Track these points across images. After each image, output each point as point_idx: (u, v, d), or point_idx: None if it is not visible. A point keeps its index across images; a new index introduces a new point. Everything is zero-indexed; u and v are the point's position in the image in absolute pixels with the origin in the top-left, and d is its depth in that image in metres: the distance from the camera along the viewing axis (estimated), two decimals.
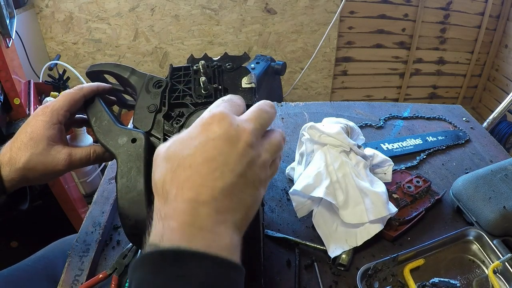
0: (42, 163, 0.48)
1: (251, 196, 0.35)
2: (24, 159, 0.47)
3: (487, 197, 0.65)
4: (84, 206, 1.60)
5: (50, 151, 0.48)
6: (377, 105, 1.09)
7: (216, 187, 0.32)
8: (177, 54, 2.28)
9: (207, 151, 0.33)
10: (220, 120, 0.35)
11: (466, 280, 0.59)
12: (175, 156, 0.34)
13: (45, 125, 0.49)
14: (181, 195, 0.32)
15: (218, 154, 0.33)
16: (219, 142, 0.34)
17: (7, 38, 1.15)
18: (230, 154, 0.34)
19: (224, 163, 0.33)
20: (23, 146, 0.48)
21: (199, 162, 0.33)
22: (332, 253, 0.60)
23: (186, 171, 0.33)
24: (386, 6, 2.36)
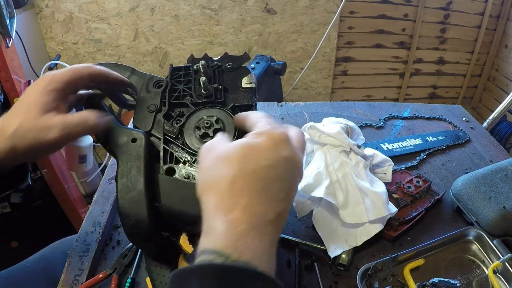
0: (32, 131, 0.42)
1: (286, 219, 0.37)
2: (14, 126, 0.42)
3: (487, 197, 0.65)
4: (84, 206, 1.60)
5: (41, 117, 0.43)
6: (377, 105, 1.09)
7: (279, 208, 0.34)
8: (177, 54, 2.28)
9: (279, 170, 0.35)
10: (287, 142, 0.37)
11: (466, 280, 0.59)
12: (247, 161, 0.34)
13: (41, 91, 0.44)
14: (253, 207, 0.33)
15: (287, 175, 0.35)
16: (290, 165, 0.36)
17: (7, 38, 1.15)
18: (293, 179, 0.36)
19: (288, 186, 0.35)
20: (16, 113, 0.43)
21: (273, 178, 0.34)
22: (332, 253, 0.60)
23: (259, 183, 0.34)
24: (386, 6, 2.36)
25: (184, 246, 0.44)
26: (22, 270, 0.70)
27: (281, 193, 0.34)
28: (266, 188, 0.34)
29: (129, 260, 0.61)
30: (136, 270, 0.60)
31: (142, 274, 0.59)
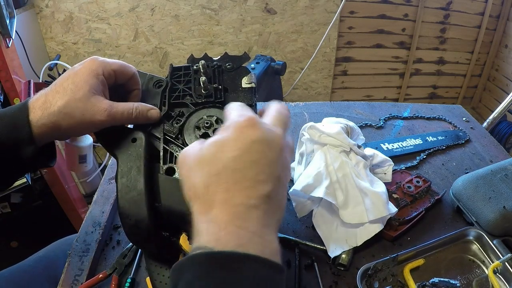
0: (80, 110, 0.43)
1: (284, 197, 0.36)
2: (61, 102, 0.43)
3: (487, 197, 0.65)
4: (84, 206, 1.60)
5: (90, 98, 0.44)
6: (377, 105, 1.09)
7: (263, 191, 0.33)
8: (177, 54, 2.28)
9: (252, 154, 0.34)
10: (254, 124, 0.35)
11: (466, 280, 0.59)
12: (217, 159, 0.34)
13: (90, 73, 0.45)
14: (232, 199, 0.32)
15: (261, 157, 0.34)
16: (261, 146, 0.34)
17: (7, 38, 1.16)
18: (271, 157, 0.35)
19: (267, 167, 0.34)
20: (62, 90, 0.44)
21: (246, 165, 0.33)
22: (332, 253, 0.60)
23: (234, 174, 0.33)
24: (386, 6, 2.36)
25: (184, 246, 0.44)
26: (23, 269, 0.70)
27: (260, 175, 0.33)
28: (241, 177, 0.33)
29: (129, 260, 0.61)
30: (136, 270, 0.60)
31: (142, 274, 0.59)
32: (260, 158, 0.34)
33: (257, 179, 0.33)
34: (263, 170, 0.34)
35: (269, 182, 0.34)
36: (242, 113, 0.37)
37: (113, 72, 0.48)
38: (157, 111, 0.49)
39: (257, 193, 0.33)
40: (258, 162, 0.34)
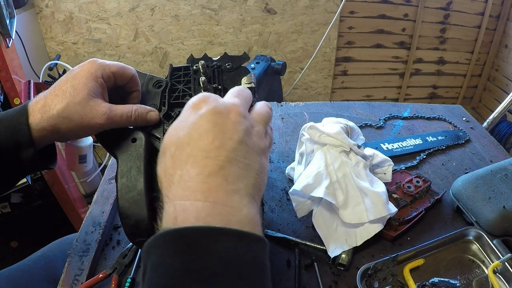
0: (79, 114, 0.44)
1: (257, 163, 0.34)
2: (60, 106, 0.43)
3: (487, 197, 0.65)
4: (84, 206, 1.60)
5: (89, 102, 0.44)
6: (377, 105, 1.09)
7: (220, 156, 0.32)
8: (177, 54, 2.28)
9: (201, 126, 0.33)
10: (206, 99, 0.35)
11: (466, 280, 0.59)
12: (171, 142, 0.34)
13: (89, 76, 0.45)
14: (187, 173, 0.31)
15: (212, 125, 0.33)
16: (211, 116, 0.34)
17: (7, 38, 1.16)
18: (225, 123, 0.34)
19: (221, 132, 0.33)
20: (61, 93, 0.44)
21: (196, 137, 0.33)
22: (332, 253, 0.60)
23: (185, 150, 0.32)
24: (386, 6, 2.36)
25: None
26: (22, 269, 0.70)
27: (214, 142, 0.32)
28: (193, 150, 0.32)
29: (129, 260, 0.61)
30: (136, 270, 0.59)
31: None
32: (211, 127, 0.33)
33: (211, 147, 0.32)
34: (216, 136, 0.32)
35: (226, 146, 0.32)
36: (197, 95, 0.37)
37: (112, 75, 0.48)
38: (156, 113, 0.49)
39: (213, 161, 0.31)
40: (209, 131, 0.33)
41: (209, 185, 0.30)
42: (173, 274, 0.27)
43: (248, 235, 0.29)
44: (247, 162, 0.33)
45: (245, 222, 0.30)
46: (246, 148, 0.33)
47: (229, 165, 0.32)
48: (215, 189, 0.30)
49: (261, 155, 0.35)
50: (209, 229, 0.28)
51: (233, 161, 0.32)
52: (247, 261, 0.28)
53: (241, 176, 0.32)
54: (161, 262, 0.27)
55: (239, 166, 0.32)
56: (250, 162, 0.33)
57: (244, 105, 0.38)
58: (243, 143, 0.33)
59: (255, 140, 0.35)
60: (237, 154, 0.32)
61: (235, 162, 0.32)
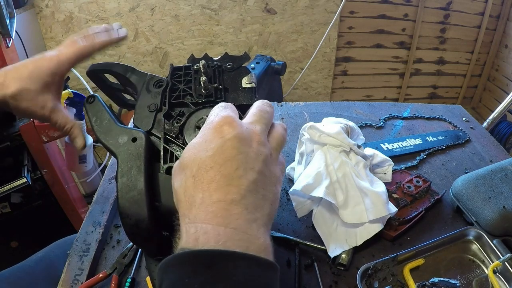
0: (27, 102, 0.50)
1: (272, 192, 0.35)
2: (14, 89, 0.49)
3: (487, 197, 0.65)
4: (84, 206, 1.60)
5: (39, 96, 0.51)
6: (377, 105, 1.09)
7: (242, 185, 0.32)
8: (177, 54, 2.28)
9: (226, 151, 0.34)
10: (230, 123, 0.36)
11: (466, 280, 0.59)
12: (193, 161, 0.34)
13: (47, 71, 0.51)
14: (209, 197, 0.32)
15: (237, 153, 0.34)
16: (235, 142, 0.34)
17: (7, 38, 1.15)
18: (248, 152, 0.34)
19: (244, 162, 0.34)
20: (19, 78, 0.49)
21: (220, 162, 0.33)
22: (332, 253, 0.60)
23: (208, 173, 0.33)
24: (386, 6, 2.36)
25: None
26: (23, 270, 0.70)
27: (238, 171, 0.33)
28: (216, 175, 0.33)
29: (129, 259, 0.61)
30: (136, 270, 0.60)
31: (142, 274, 0.59)
32: (235, 155, 0.34)
33: (234, 176, 0.33)
34: (240, 165, 0.33)
35: (248, 176, 0.33)
36: (219, 113, 0.37)
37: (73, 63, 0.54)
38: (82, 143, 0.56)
39: (236, 189, 0.32)
40: (233, 159, 0.33)
41: (230, 212, 0.31)
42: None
43: (264, 262, 0.30)
44: (264, 193, 0.34)
45: (261, 249, 0.31)
46: (264, 179, 0.35)
47: (249, 195, 0.33)
48: (236, 217, 0.31)
49: (276, 184, 0.37)
50: (229, 253, 0.29)
51: (253, 191, 0.33)
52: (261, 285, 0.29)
53: (258, 206, 0.33)
54: (179, 281, 0.28)
55: (257, 197, 0.33)
56: (267, 192, 0.35)
57: (265, 131, 0.38)
58: (262, 173, 0.34)
59: (272, 170, 0.36)
60: (257, 185, 0.34)
61: (254, 192, 0.33)
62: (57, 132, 1.24)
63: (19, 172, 1.21)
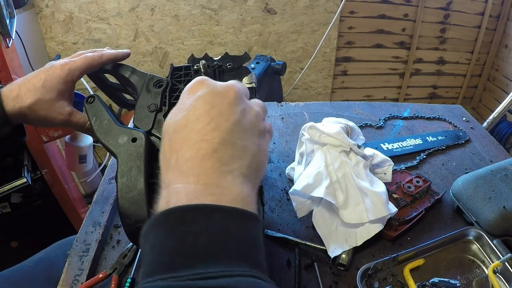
0: (45, 110, 0.52)
1: (253, 144, 0.34)
2: (30, 100, 0.51)
3: (487, 197, 0.65)
4: (84, 206, 1.60)
5: (56, 103, 0.52)
6: (377, 105, 1.09)
7: (215, 138, 0.32)
8: (177, 54, 2.28)
9: (198, 108, 0.33)
10: (203, 81, 0.36)
11: (466, 280, 0.59)
12: (169, 126, 0.34)
13: (60, 79, 0.52)
14: (182, 157, 0.32)
15: (209, 107, 0.33)
16: (208, 97, 0.34)
17: (7, 38, 1.15)
18: (222, 104, 0.33)
19: (217, 114, 0.33)
20: (33, 89, 0.51)
21: (193, 120, 0.33)
22: (332, 253, 0.60)
23: (182, 133, 0.33)
24: (386, 6, 2.36)
25: None
26: (23, 270, 0.70)
27: (211, 124, 0.32)
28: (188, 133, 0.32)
29: (129, 260, 0.61)
30: (136, 270, 0.59)
31: None
32: (208, 109, 0.33)
33: (207, 129, 0.32)
34: (213, 118, 0.33)
35: (222, 128, 0.32)
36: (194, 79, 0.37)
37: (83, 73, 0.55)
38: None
39: (208, 143, 0.31)
40: (206, 113, 0.33)
41: (202, 168, 0.31)
42: (167, 252, 0.27)
43: (239, 212, 0.29)
44: (243, 144, 0.33)
45: (237, 200, 0.30)
46: (242, 129, 0.33)
47: (224, 147, 0.32)
48: (207, 172, 0.30)
49: (259, 137, 0.35)
50: (199, 206, 0.28)
51: (228, 143, 0.32)
52: (238, 236, 0.28)
53: (235, 157, 0.32)
54: (156, 243, 0.28)
55: (234, 148, 0.32)
56: (247, 143, 0.33)
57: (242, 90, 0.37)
58: (239, 124, 0.33)
59: (253, 121, 0.35)
60: (233, 136, 0.32)
61: (230, 144, 0.32)
62: (57, 132, 1.24)
63: (19, 172, 1.21)
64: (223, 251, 0.27)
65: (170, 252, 0.27)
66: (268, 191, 0.76)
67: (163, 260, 0.27)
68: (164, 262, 0.27)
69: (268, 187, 0.77)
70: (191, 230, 0.27)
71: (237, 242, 0.28)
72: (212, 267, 0.26)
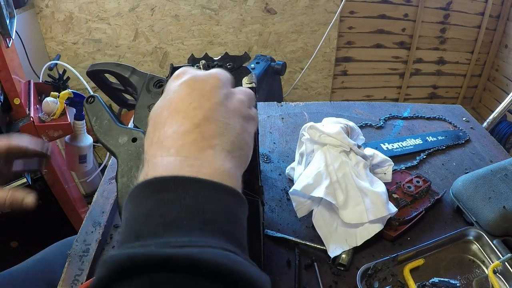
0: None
1: (238, 123, 0.34)
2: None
3: (487, 197, 0.65)
4: (84, 206, 1.60)
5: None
6: (377, 105, 1.09)
7: (197, 115, 0.32)
8: (177, 54, 2.28)
9: (181, 91, 0.34)
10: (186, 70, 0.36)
11: (466, 280, 0.59)
12: (154, 112, 0.35)
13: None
14: (164, 134, 0.32)
15: (191, 90, 0.34)
16: (191, 82, 0.34)
17: (7, 38, 1.15)
18: (204, 87, 0.34)
19: (199, 95, 0.33)
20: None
21: (175, 101, 0.33)
22: (332, 253, 0.60)
23: (164, 114, 0.33)
24: (386, 6, 2.36)
25: None
26: (22, 271, 0.70)
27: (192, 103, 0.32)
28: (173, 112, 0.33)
29: None
30: None
31: None
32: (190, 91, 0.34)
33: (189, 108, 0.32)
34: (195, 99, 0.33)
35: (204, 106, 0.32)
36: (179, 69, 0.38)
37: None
38: (32, 199, 0.54)
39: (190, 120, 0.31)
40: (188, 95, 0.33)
41: (183, 141, 0.30)
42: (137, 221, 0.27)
43: (218, 186, 0.29)
44: (227, 122, 0.33)
45: (217, 174, 0.29)
46: (225, 109, 0.33)
47: (206, 123, 0.32)
48: (188, 145, 0.30)
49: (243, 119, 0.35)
50: (176, 178, 0.28)
51: (211, 120, 0.32)
52: (215, 210, 0.28)
53: (218, 133, 0.32)
54: (130, 214, 0.28)
55: (217, 125, 0.32)
56: (230, 122, 0.33)
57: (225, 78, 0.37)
58: (222, 104, 0.33)
59: (236, 104, 0.35)
60: (215, 113, 0.32)
61: (212, 120, 0.32)
62: (57, 132, 1.25)
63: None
64: (195, 222, 0.26)
65: (141, 221, 0.27)
66: (268, 191, 0.76)
67: (134, 228, 0.27)
68: (134, 230, 0.27)
69: (268, 187, 0.77)
70: (164, 199, 0.27)
71: (211, 214, 0.27)
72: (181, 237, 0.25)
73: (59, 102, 1.26)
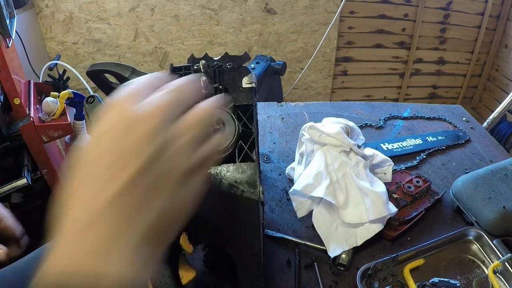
0: None
1: (165, 196, 0.27)
2: None
3: (487, 197, 0.65)
4: None
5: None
6: (377, 105, 1.09)
7: (108, 194, 0.25)
8: (177, 54, 2.28)
9: (100, 147, 0.27)
10: (113, 107, 0.28)
11: (466, 280, 0.59)
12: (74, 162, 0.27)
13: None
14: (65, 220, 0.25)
15: (115, 143, 0.26)
16: (114, 133, 0.27)
17: (7, 38, 1.15)
18: (131, 138, 0.26)
19: (120, 156, 0.26)
20: None
21: (92, 160, 0.26)
22: (332, 253, 0.60)
23: (78, 176, 0.26)
24: (386, 6, 2.36)
25: (184, 246, 0.44)
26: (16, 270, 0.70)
27: (109, 170, 0.25)
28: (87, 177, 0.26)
29: None
30: None
31: None
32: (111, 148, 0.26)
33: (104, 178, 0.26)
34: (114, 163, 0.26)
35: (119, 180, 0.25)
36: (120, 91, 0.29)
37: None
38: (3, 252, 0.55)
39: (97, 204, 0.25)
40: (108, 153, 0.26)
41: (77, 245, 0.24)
42: None
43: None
44: (146, 200, 0.26)
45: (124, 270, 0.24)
46: (149, 179, 0.26)
47: (117, 206, 0.25)
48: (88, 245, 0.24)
49: (180, 182, 0.28)
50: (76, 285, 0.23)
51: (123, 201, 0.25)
52: None
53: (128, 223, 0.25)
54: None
55: (131, 206, 0.25)
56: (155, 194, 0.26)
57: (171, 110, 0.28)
58: (146, 171, 0.26)
59: (173, 161, 0.27)
60: (134, 188, 0.26)
61: (125, 201, 0.25)
62: (57, 132, 1.25)
63: (19, 172, 1.21)
64: None
65: None
66: (268, 191, 0.76)
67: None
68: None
69: (268, 187, 0.77)
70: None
71: None
72: None
73: (59, 102, 1.27)
